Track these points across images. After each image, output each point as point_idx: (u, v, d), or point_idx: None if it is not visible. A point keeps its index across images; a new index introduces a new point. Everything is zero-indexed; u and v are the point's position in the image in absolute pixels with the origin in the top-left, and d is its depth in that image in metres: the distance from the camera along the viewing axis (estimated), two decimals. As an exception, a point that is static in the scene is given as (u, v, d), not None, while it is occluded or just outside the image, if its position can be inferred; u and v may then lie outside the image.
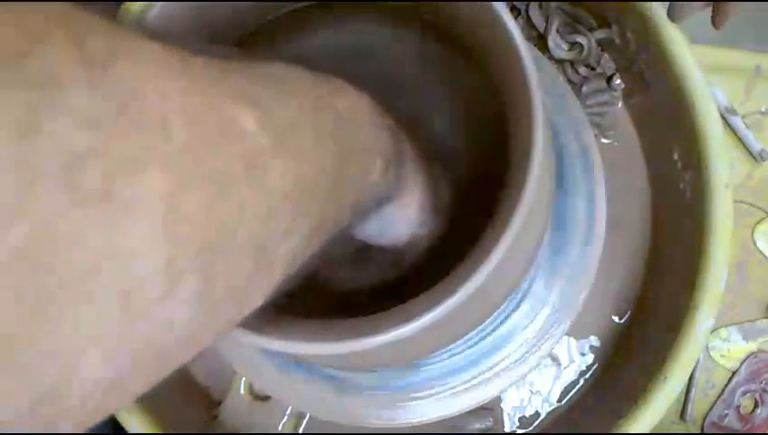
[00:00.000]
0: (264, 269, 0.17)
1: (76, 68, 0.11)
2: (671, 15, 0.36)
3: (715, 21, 0.34)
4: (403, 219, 0.28)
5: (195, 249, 0.14)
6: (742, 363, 0.44)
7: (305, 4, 0.30)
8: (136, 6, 0.33)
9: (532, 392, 0.43)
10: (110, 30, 0.13)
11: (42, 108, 0.11)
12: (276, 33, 0.31)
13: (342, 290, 0.30)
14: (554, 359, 0.43)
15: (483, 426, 0.41)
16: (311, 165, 0.19)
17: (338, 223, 0.21)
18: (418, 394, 0.33)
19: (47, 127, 0.11)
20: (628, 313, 0.43)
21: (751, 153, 0.46)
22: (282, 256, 0.18)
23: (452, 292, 0.22)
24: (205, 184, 0.14)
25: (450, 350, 0.33)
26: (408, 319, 0.22)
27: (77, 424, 0.13)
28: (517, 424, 0.43)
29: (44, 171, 0.11)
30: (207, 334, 0.16)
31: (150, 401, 0.38)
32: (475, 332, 0.33)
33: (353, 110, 0.23)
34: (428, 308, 0.22)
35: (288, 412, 0.42)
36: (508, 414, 0.42)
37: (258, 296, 0.17)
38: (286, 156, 0.17)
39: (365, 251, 0.29)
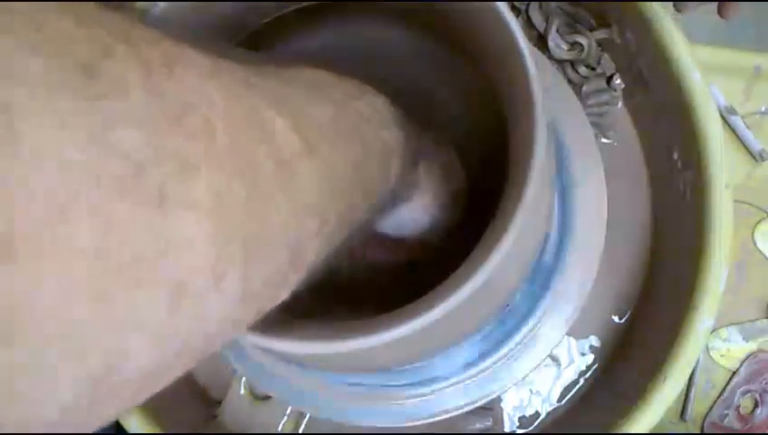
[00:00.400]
0: (294, 266, 0.18)
1: (137, 79, 0.13)
2: (677, 7, 0.36)
3: (722, 12, 0.34)
4: (416, 216, 0.28)
5: (238, 245, 0.15)
6: (742, 363, 0.44)
7: (305, 4, 0.30)
8: (137, 6, 0.33)
9: (532, 392, 0.43)
10: (161, 39, 0.14)
11: (109, 117, 0.12)
12: (276, 34, 0.31)
13: (353, 285, 0.30)
14: (554, 359, 0.43)
15: (483, 426, 0.41)
16: (336, 167, 0.19)
17: (356, 222, 0.22)
18: (418, 394, 0.33)
19: (113, 136, 0.12)
20: (628, 313, 0.43)
21: (751, 153, 0.46)
22: (310, 252, 0.19)
23: (450, 293, 0.22)
24: (244, 185, 0.15)
25: (450, 350, 0.33)
26: (407, 320, 0.22)
27: (119, 409, 0.14)
28: (517, 424, 0.43)
29: (110, 177, 0.12)
30: (241, 325, 0.17)
31: (150, 401, 0.38)
32: (475, 332, 0.33)
33: (373, 112, 0.24)
34: (427, 309, 0.22)
35: (288, 412, 0.42)
36: (508, 414, 0.42)
37: (287, 290, 0.18)
38: (315, 158, 0.18)
39: (380, 244, 0.30)
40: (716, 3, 0.34)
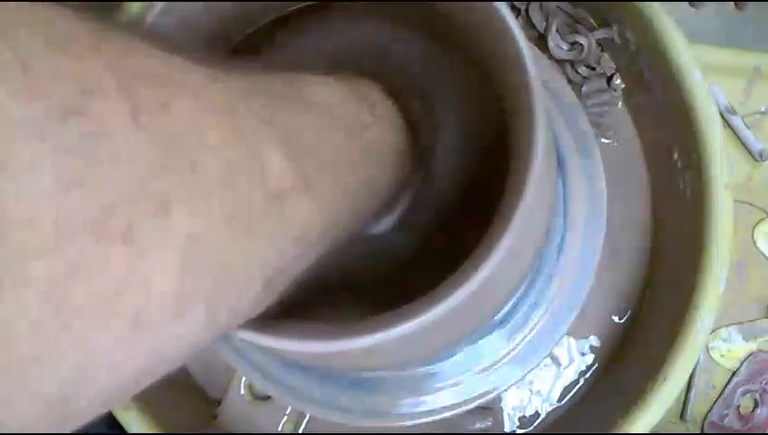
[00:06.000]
0: (269, 289, 0.18)
1: (125, 118, 0.13)
2: (694, 5, 0.36)
3: (737, 3, 0.34)
4: (405, 216, 0.28)
5: (208, 280, 0.15)
6: (742, 363, 0.44)
7: (305, 4, 0.30)
8: (135, 7, 0.33)
9: (532, 392, 0.43)
10: (158, 72, 0.14)
11: (88, 160, 0.12)
12: (276, 34, 0.31)
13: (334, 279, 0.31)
14: (554, 359, 0.43)
15: (483, 426, 0.41)
16: (335, 198, 0.19)
17: (350, 234, 0.22)
18: (418, 394, 0.33)
19: (88, 179, 0.12)
20: (628, 313, 0.43)
21: (751, 153, 0.46)
22: (290, 276, 0.18)
23: (450, 292, 0.22)
24: (228, 222, 0.15)
25: (450, 351, 0.33)
26: (406, 319, 0.22)
27: (89, 418, 0.14)
28: (517, 424, 0.43)
29: (76, 219, 0.12)
30: (207, 342, 0.17)
31: (149, 401, 0.38)
32: (475, 332, 0.33)
33: (381, 140, 0.23)
34: (427, 309, 0.22)
35: (288, 412, 0.42)
36: (508, 414, 0.42)
37: (259, 310, 0.18)
38: (310, 192, 0.18)
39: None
40: (723, 2, 0.34)
